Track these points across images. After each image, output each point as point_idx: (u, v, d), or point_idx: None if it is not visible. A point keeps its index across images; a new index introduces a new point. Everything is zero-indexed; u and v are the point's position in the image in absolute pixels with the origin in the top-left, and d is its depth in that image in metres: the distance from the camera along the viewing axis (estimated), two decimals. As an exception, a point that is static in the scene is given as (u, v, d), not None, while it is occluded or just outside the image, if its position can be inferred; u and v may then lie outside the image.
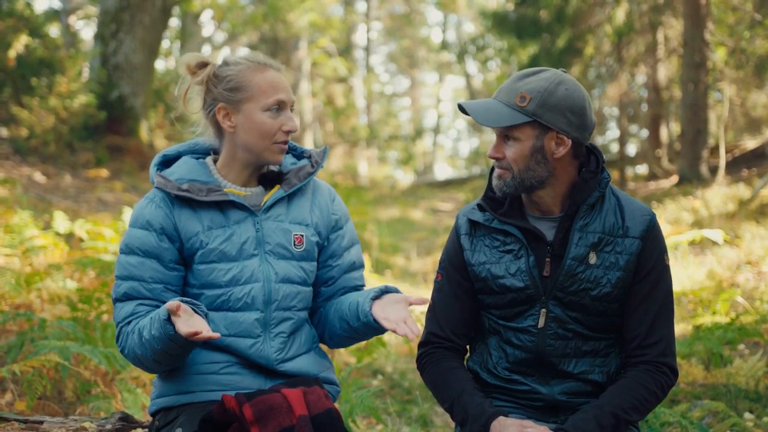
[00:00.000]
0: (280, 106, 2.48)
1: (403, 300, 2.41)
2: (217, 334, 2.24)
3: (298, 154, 2.69)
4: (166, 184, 2.49)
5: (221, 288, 2.47)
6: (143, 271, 2.45)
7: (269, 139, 2.48)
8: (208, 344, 2.49)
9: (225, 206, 2.50)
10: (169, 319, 2.28)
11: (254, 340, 2.48)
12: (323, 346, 2.73)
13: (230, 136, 2.51)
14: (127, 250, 2.48)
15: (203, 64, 2.52)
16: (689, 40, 12.94)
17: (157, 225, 2.47)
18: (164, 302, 2.46)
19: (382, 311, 2.40)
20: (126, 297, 2.46)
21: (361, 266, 2.70)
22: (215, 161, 2.59)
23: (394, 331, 2.30)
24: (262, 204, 2.54)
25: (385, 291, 2.47)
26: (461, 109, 2.49)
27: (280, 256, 2.52)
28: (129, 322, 2.44)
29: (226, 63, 2.51)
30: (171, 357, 2.38)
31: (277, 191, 2.55)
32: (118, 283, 2.48)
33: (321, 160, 2.64)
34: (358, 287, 2.68)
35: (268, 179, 2.60)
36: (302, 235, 2.55)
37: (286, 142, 2.51)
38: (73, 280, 5.85)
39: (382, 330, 2.47)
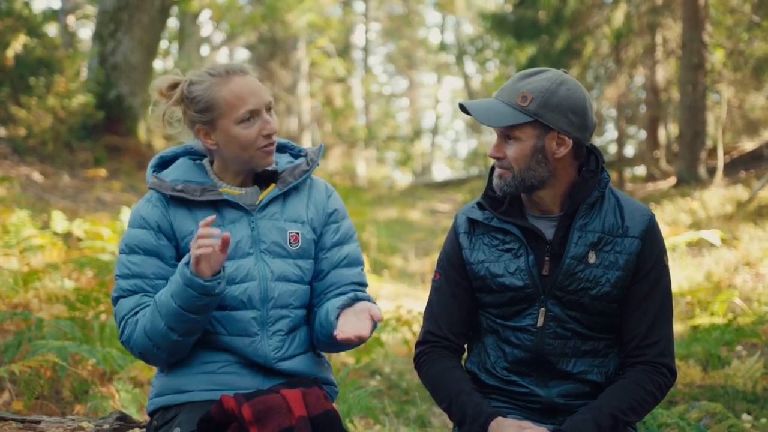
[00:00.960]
0: (253, 114, 2.46)
1: (367, 311, 2.34)
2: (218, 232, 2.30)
3: (296, 153, 2.69)
4: (160, 185, 2.50)
5: (217, 286, 2.47)
6: (145, 268, 2.46)
7: (252, 148, 2.47)
8: (207, 344, 2.49)
9: (220, 206, 2.51)
10: (188, 264, 2.30)
11: (252, 338, 2.48)
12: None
13: (216, 151, 2.52)
14: (127, 249, 2.49)
15: (174, 86, 2.52)
16: (688, 41, 12.95)
17: (154, 223, 2.49)
18: None
19: (342, 323, 2.34)
20: (129, 293, 2.46)
21: (357, 263, 2.65)
22: (212, 162, 2.60)
23: (346, 341, 2.28)
24: (257, 203, 2.55)
25: (356, 300, 2.43)
26: (462, 108, 2.49)
27: (275, 254, 2.52)
28: (135, 313, 2.45)
29: (192, 82, 2.49)
30: (189, 318, 2.36)
31: (272, 190, 2.56)
32: (120, 282, 2.48)
33: (316, 158, 2.64)
34: (356, 285, 2.62)
35: (263, 178, 2.60)
36: (298, 233, 2.55)
37: (271, 144, 2.50)
38: (71, 280, 5.85)
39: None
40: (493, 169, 2.52)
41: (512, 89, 2.43)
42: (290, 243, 2.54)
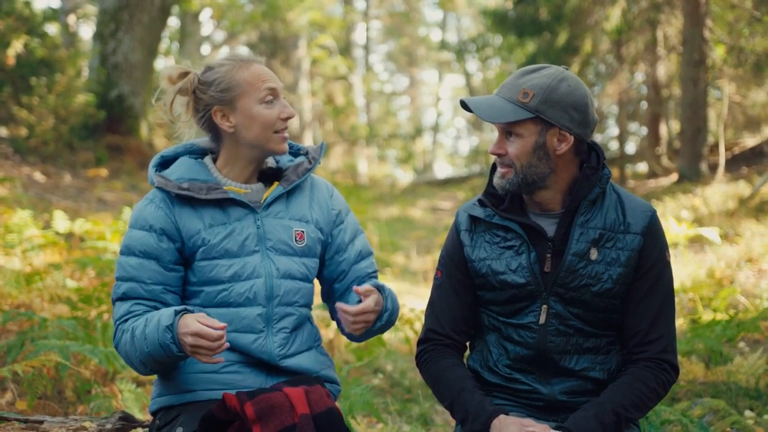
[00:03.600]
0: (274, 95, 2.50)
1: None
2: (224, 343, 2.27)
3: (295, 150, 2.70)
4: (166, 184, 2.50)
5: (222, 284, 2.48)
6: (142, 272, 2.46)
7: (270, 129, 2.50)
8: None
9: (225, 204, 2.52)
10: (169, 327, 2.29)
11: (257, 335, 2.49)
12: (324, 345, 2.73)
13: (231, 136, 2.53)
14: (126, 251, 2.49)
15: (184, 74, 2.53)
16: (688, 37, 12.92)
17: (157, 226, 2.49)
18: (163, 303, 2.47)
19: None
20: (125, 297, 2.47)
21: (369, 254, 2.72)
22: (214, 160, 2.60)
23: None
24: (262, 201, 2.55)
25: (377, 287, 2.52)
26: (464, 105, 2.49)
27: (281, 252, 2.53)
28: (126, 320, 2.45)
29: (209, 68, 2.53)
30: (156, 363, 2.39)
31: (276, 188, 2.56)
32: (118, 284, 2.49)
33: (318, 156, 2.66)
34: (371, 275, 2.70)
35: (267, 176, 2.61)
36: (303, 231, 2.57)
37: (286, 129, 2.54)
38: (73, 280, 5.85)
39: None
40: (494, 166, 2.52)
41: (513, 86, 2.43)
42: (296, 240, 2.55)
